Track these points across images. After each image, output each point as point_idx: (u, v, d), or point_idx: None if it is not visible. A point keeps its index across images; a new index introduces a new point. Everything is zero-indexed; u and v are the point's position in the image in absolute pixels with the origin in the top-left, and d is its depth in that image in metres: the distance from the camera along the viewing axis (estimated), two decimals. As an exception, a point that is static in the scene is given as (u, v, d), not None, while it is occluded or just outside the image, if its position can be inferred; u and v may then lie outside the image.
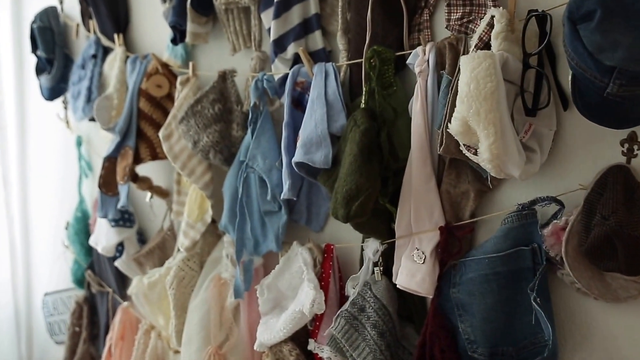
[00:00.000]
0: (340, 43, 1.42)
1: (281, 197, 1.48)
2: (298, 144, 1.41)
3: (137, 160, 1.90)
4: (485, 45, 1.16)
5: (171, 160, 1.74)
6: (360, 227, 1.38)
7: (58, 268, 2.65)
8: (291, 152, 1.44)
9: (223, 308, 1.69)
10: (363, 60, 1.34)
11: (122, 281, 2.24)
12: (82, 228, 2.40)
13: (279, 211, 1.56)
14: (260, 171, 1.54)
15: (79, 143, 2.38)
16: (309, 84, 1.44)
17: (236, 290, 1.63)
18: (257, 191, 1.58)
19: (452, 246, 1.27)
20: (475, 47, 1.16)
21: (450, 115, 1.12)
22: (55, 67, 2.29)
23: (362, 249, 1.45)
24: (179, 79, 1.77)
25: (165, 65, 1.85)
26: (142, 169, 1.97)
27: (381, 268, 1.39)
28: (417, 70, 1.27)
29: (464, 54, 1.21)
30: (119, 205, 1.88)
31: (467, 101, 1.06)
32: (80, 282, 2.45)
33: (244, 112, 1.64)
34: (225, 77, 1.67)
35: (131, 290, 1.93)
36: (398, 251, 1.35)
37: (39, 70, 2.37)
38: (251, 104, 1.58)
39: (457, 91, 1.09)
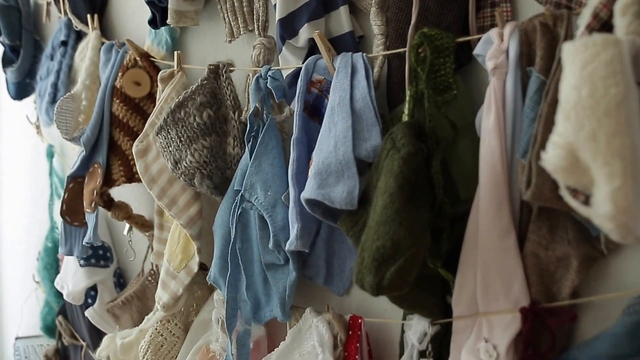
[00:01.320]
0: (375, 24, 1.08)
1: (286, 248, 1.15)
2: (310, 173, 1.07)
3: (108, 182, 1.60)
4: (602, 25, 0.81)
5: (146, 185, 1.43)
6: (400, 301, 1.04)
7: (30, 307, 2.39)
8: (302, 182, 1.11)
9: (211, 393, 1.37)
10: (407, 49, 1.00)
11: (98, 333, 1.94)
12: (53, 262, 2.12)
13: (285, 265, 1.23)
14: (260, 207, 1.21)
15: (50, 154, 2.10)
16: (330, 83, 1.11)
17: (226, 371, 1.31)
18: (258, 234, 1.25)
19: (540, 340, 0.92)
20: (586, 28, 0.81)
21: (545, 139, 0.77)
22: (22, 57, 2.03)
23: (404, 329, 1.11)
24: (159, 75, 1.46)
25: (145, 56, 1.55)
26: (119, 192, 1.68)
27: (431, 360, 1.05)
28: (489, 65, 0.92)
29: (566, 40, 0.86)
30: (84, 241, 1.59)
31: (576, 117, 0.71)
32: (50, 329, 2.18)
33: (243, 121, 1.32)
34: (218, 73, 1.35)
35: (100, 353, 1.63)
36: (456, 338, 1.01)
37: (5, 62, 2.11)
38: (250, 111, 1.26)
39: (558, 100, 0.74)
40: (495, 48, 0.92)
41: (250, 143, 1.26)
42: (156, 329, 1.47)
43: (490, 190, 0.93)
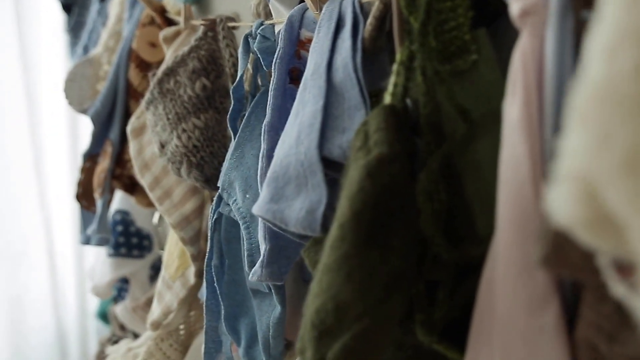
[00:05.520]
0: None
1: (250, 278, 0.83)
2: (267, 176, 0.74)
3: (121, 162, 1.36)
4: None
5: (137, 172, 1.17)
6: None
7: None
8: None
9: None
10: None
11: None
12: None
13: (271, 294, 0.91)
14: (236, 213, 0.90)
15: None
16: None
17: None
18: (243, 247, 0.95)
19: None
20: None
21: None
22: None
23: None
24: (161, 34, 1.18)
25: (160, 11, 1.27)
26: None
27: None
28: (514, 9, 0.53)
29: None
30: (89, 230, 1.37)
31: (605, 113, 0.32)
32: (105, 316, 2.02)
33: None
34: (215, 32, 1.04)
35: (111, 362, 1.42)
36: None
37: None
38: (237, 82, 0.94)
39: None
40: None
41: (231, 125, 0.94)
42: (148, 349, 1.21)
43: (514, 228, 0.54)
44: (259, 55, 0.88)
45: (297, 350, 0.63)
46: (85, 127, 2.27)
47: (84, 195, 1.46)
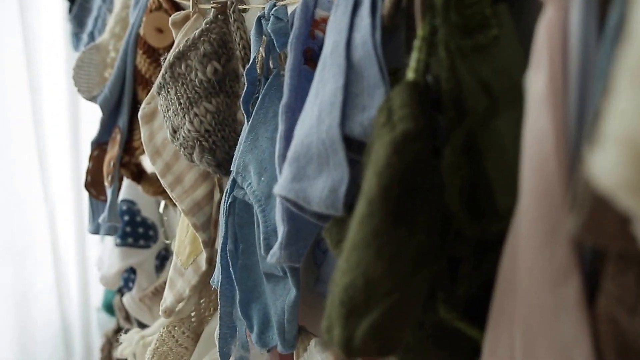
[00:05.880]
0: None
1: (269, 260, 0.83)
2: (287, 157, 0.74)
3: (129, 150, 1.36)
4: None
5: (149, 158, 1.17)
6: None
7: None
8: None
9: None
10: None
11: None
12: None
13: (285, 277, 0.92)
14: (251, 196, 0.90)
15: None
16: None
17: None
18: (257, 231, 0.95)
19: None
20: None
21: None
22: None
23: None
24: (171, 19, 1.18)
25: (168, -5, 1.28)
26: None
27: None
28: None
29: None
30: (100, 219, 1.37)
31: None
32: (110, 307, 2.02)
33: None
34: (226, 15, 1.04)
35: (122, 351, 1.42)
36: None
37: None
38: (250, 65, 0.94)
39: None
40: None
41: (244, 107, 0.94)
42: (161, 336, 1.21)
43: (537, 203, 0.55)
44: (272, 37, 0.88)
45: (323, 329, 0.63)
46: (86, 119, 2.27)
47: (93, 183, 1.46)
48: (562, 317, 0.55)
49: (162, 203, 1.52)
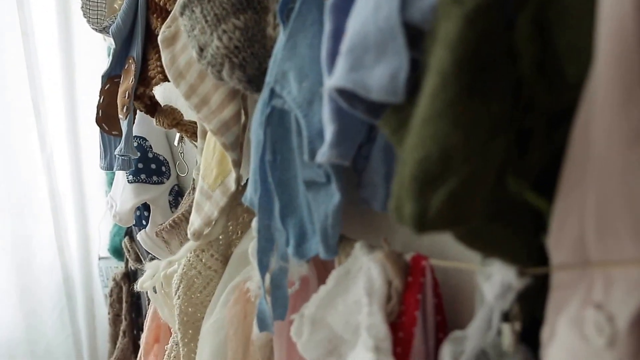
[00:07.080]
0: None
1: (318, 159, 0.84)
2: (341, 50, 0.75)
3: (144, 80, 1.36)
4: None
5: (172, 81, 1.17)
6: (469, 239, 0.71)
7: (108, 227, 2.26)
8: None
9: (248, 340, 1.12)
10: None
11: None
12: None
13: (328, 184, 0.93)
14: (293, 103, 0.91)
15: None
16: None
17: (260, 318, 1.05)
18: (296, 141, 0.96)
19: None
20: None
21: None
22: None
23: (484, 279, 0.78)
24: (188, -62, 1.17)
25: None
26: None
27: (516, 326, 0.73)
28: None
29: None
30: (116, 151, 1.37)
31: None
32: (118, 252, 2.04)
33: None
34: None
35: (142, 284, 1.43)
36: (555, 298, 0.67)
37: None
38: (284, -28, 0.95)
39: None
40: None
41: (280, 17, 0.95)
42: (189, 260, 1.23)
43: (615, 65, 0.57)
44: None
45: (390, 210, 0.65)
46: (80, 68, 2.25)
47: (104, 118, 1.46)
48: (637, 176, 0.58)
49: (177, 136, 1.52)
